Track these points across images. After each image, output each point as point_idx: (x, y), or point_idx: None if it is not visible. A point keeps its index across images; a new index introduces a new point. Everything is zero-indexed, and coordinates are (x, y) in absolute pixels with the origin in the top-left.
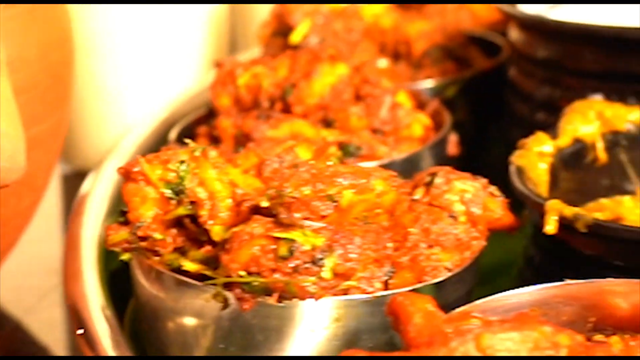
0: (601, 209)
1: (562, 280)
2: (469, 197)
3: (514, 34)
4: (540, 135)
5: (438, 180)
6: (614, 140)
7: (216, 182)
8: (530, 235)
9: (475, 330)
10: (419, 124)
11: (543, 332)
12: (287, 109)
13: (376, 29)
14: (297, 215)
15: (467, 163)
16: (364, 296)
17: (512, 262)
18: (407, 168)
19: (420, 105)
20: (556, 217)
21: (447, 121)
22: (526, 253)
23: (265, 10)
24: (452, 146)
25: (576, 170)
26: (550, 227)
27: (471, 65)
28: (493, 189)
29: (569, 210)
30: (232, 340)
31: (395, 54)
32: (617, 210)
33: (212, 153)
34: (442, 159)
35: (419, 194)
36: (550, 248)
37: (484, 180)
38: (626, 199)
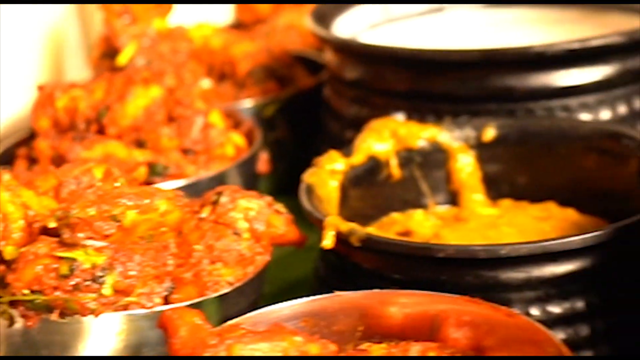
0: (393, 223)
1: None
2: (253, 214)
3: (327, 54)
4: (333, 154)
5: (223, 199)
6: (408, 157)
7: (9, 204)
8: (318, 250)
9: (228, 341)
10: (231, 143)
11: (293, 342)
12: (102, 131)
13: (205, 50)
14: (80, 235)
15: (284, 180)
16: (143, 311)
17: None
18: (214, 186)
19: (236, 124)
20: (334, 233)
21: (257, 139)
22: (315, 267)
23: None
24: (263, 164)
25: (370, 187)
26: (327, 242)
27: (294, 85)
28: (279, 206)
29: (345, 226)
30: (22, 355)
31: (221, 75)
32: (407, 223)
33: (6, 176)
34: (252, 177)
35: (205, 212)
36: (334, 262)
37: (269, 198)
38: (417, 213)
